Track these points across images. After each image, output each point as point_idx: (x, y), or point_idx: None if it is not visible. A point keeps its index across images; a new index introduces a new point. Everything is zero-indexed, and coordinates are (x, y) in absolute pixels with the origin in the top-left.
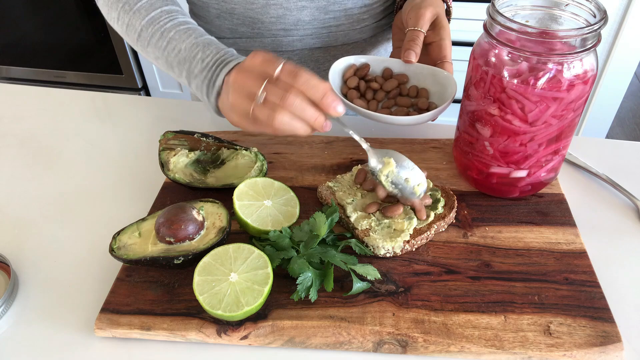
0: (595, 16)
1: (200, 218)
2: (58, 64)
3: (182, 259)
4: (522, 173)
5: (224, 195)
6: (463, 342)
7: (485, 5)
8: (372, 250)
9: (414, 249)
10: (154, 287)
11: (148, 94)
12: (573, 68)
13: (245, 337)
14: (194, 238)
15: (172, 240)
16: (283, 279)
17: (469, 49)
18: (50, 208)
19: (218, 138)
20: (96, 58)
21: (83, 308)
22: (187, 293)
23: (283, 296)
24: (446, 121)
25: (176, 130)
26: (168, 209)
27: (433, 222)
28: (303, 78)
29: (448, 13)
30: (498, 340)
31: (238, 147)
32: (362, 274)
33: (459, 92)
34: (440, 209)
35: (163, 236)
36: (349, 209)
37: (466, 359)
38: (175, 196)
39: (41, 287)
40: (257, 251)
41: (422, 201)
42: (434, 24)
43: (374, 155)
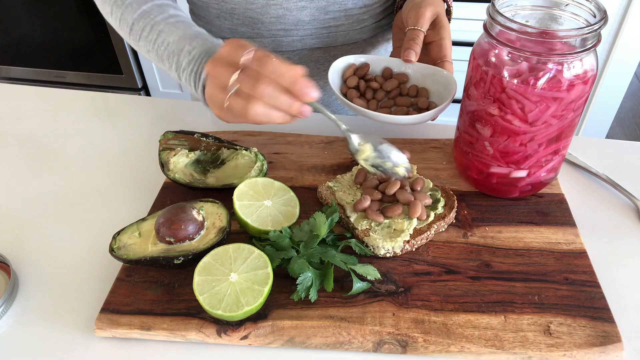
0: (595, 16)
1: (200, 218)
2: (58, 64)
3: (182, 259)
4: (522, 173)
5: (224, 195)
6: (463, 342)
7: (485, 5)
8: (372, 250)
9: (414, 249)
10: (154, 287)
11: (148, 94)
12: (573, 68)
13: (245, 337)
14: (194, 238)
15: (172, 240)
16: (283, 279)
17: (469, 49)
18: (50, 208)
19: (218, 138)
20: (96, 58)
21: (83, 308)
22: (187, 293)
23: (283, 296)
24: (446, 121)
25: (176, 130)
26: (168, 209)
27: (433, 222)
28: (271, 66)
29: (448, 12)
30: (498, 340)
31: (238, 147)
32: (362, 274)
33: (459, 92)
34: (440, 209)
35: (163, 236)
36: (349, 209)
37: (466, 359)
38: (175, 196)
39: (41, 287)
40: (257, 251)
41: (421, 200)
42: (434, 23)
43: (352, 139)
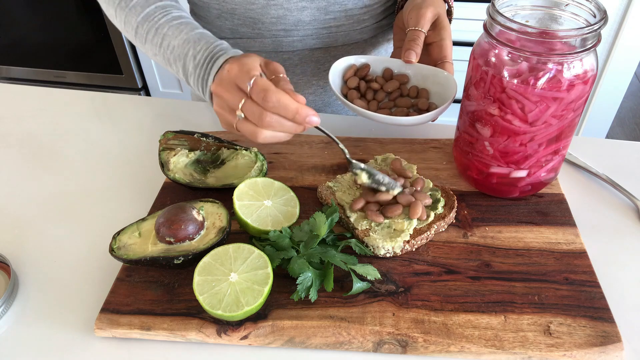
0: (595, 16)
1: (200, 218)
2: (58, 64)
3: (182, 259)
4: (522, 173)
5: (224, 195)
6: (463, 342)
7: (485, 5)
8: (372, 250)
9: (414, 249)
10: (154, 287)
11: (148, 94)
12: (573, 68)
13: (245, 337)
14: (194, 238)
15: (172, 240)
16: (283, 279)
17: (469, 49)
18: (50, 208)
19: (218, 138)
20: (96, 58)
21: (83, 308)
22: (187, 293)
23: (283, 296)
24: (446, 121)
25: (176, 130)
26: (168, 209)
27: (433, 222)
28: (272, 101)
29: (449, 13)
30: (498, 340)
31: (238, 147)
32: (362, 274)
33: (459, 92)
34: (440, 209)
35: (163, 236)
36: (349, 209)
37: (466, 359)
38: (175, 196)
39: (41, 287)
40: (257, 251)
41: (421, 200)
42: (435, 24)
43: (351, 165)
